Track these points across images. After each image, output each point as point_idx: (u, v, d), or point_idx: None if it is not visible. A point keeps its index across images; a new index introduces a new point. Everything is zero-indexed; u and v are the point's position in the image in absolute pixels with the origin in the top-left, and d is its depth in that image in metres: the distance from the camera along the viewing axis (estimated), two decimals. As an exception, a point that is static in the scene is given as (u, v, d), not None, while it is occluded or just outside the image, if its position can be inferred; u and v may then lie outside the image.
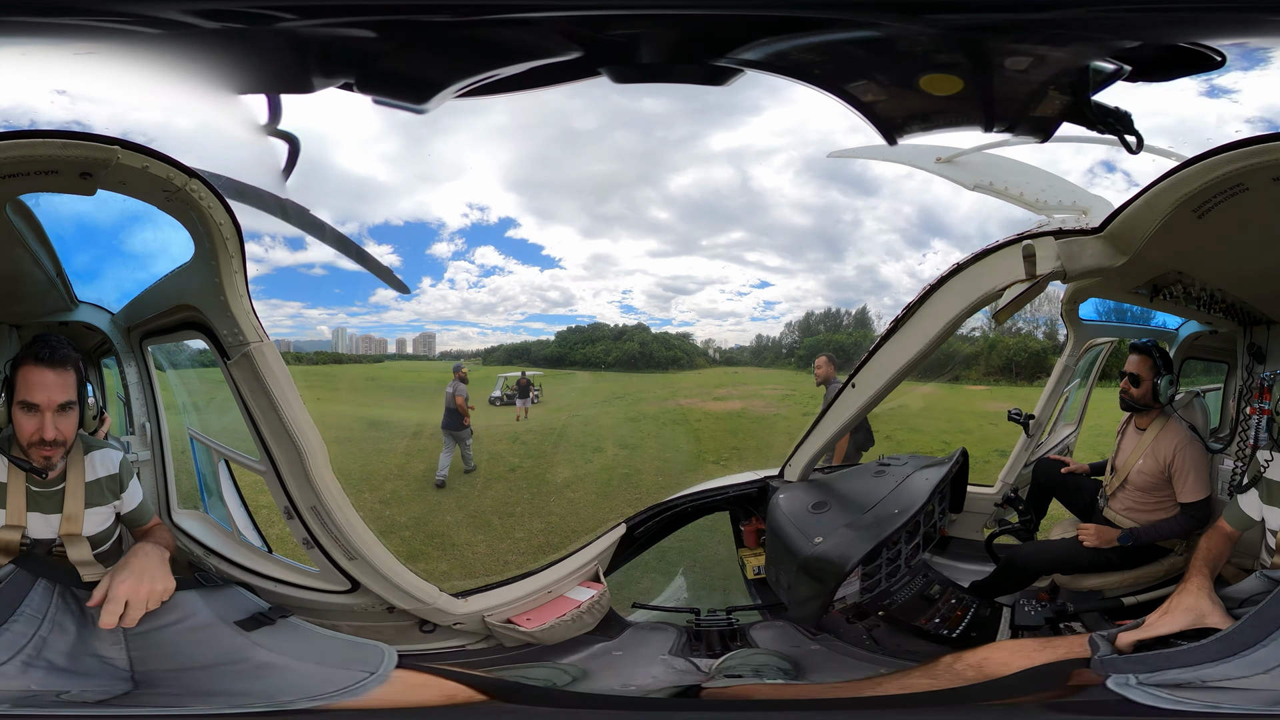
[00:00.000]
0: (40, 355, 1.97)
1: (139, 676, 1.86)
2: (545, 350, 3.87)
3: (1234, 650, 1.80)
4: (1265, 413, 2.33)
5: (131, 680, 1.86)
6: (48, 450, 1.99)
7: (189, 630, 1.95)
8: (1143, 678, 1.79)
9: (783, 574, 2.67)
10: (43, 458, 2.00)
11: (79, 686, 1.80)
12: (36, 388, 1.96)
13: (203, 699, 1.83)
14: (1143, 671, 1.81)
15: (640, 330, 4.00)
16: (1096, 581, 2.67)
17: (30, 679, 1.78)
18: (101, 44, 1.92)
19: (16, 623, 1.86)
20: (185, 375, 2.78)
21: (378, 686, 1.92)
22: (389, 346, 3.69)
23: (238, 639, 1.98)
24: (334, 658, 2.02)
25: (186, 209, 1.99)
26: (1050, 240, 2.17)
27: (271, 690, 1.88)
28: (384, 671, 1.97)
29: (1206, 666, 1.78)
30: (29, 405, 1.96)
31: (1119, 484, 2.70)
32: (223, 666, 1.92)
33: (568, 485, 3.78)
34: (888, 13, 1.99)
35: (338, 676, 1.93)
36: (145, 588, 1.89)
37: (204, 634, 1.96)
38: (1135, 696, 1.76)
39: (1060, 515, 2.96)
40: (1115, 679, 1.80)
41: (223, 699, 1.84)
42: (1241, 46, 1.99)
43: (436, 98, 2.12)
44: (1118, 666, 1.84)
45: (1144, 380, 2.64)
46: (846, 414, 2.75)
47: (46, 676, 1.80)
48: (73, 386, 2.01)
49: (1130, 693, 1.77)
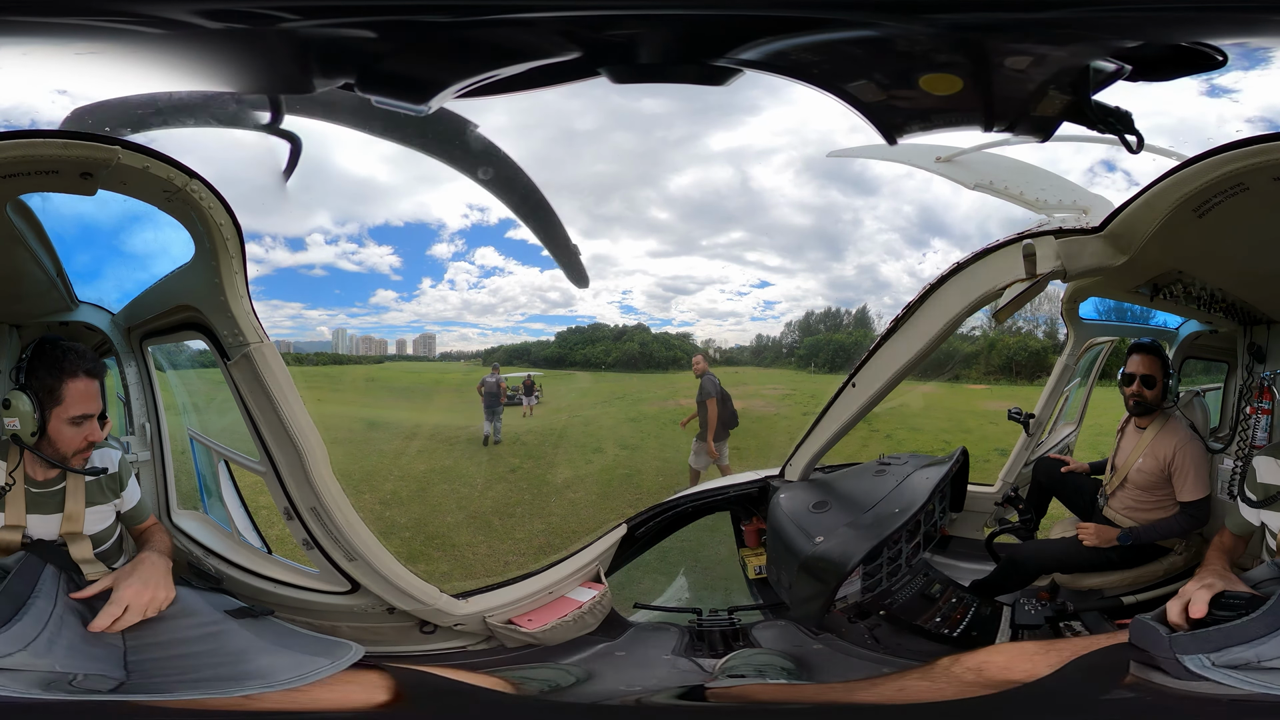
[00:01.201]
0: (90, 369, 2.06)
1: (131, 665, 1.89)
2: (545, 351, 3.86)
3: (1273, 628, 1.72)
4: (1265, 412, 2.34)
5: (124, 667, 1.88)
6: (88, 453, 2.08)
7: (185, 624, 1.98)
8: (1214, 658, 1.69)
9: (784, 573, 2.67)
10: (83, 460, 2.07)
11: (86, 670, 1.82)
12: (91, 399, 2.05)
13: (191, 686, 1.85)
14: (1210, 651, 1.70)
15: (640, 330, 4.00)
16: (1096, 581, 2.67)
17: (55, 658, 1.81)
18: (104, 44, 1.92)
19: (38, 599, 1.89)
20: (185, 376, 2.78)
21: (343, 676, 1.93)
22: (389, 347, 3.68)
23: (223, 627, 2.00)
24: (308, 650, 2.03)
25: (187, 209, 1.99)
26: (1050, 239, 2.17)
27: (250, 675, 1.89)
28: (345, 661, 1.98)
29: (1260, 643, 1.70)
30: (84, 417, 2.04)
31: (1119, 483, 2.71)
32: (211, 654, 1.94)
33: (568, 486, 3.77)
34: (887, 12, 1.99)
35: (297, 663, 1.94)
36: (148, 594, 1.92)
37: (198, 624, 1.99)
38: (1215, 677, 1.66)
39: (1060, 514, 2.96)
40: (1193, 660, 1.68)
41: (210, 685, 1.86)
42: (1242, 46, 2.00)
43: (436, 98, 2.12)
44: (1186, 646, 1.72)
45: (1158, 381, 2.63)
46: (847, 414, 2.76)
47: (68, 657, 1.82)
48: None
49: (1212, 674, 1.66)
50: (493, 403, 3.04)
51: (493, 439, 3.22)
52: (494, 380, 3.19)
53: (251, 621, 2.05)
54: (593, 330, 3.91)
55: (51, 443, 2.04)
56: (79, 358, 2.06)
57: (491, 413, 3.09)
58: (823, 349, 3.88)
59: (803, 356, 3.93)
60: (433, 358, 3.72)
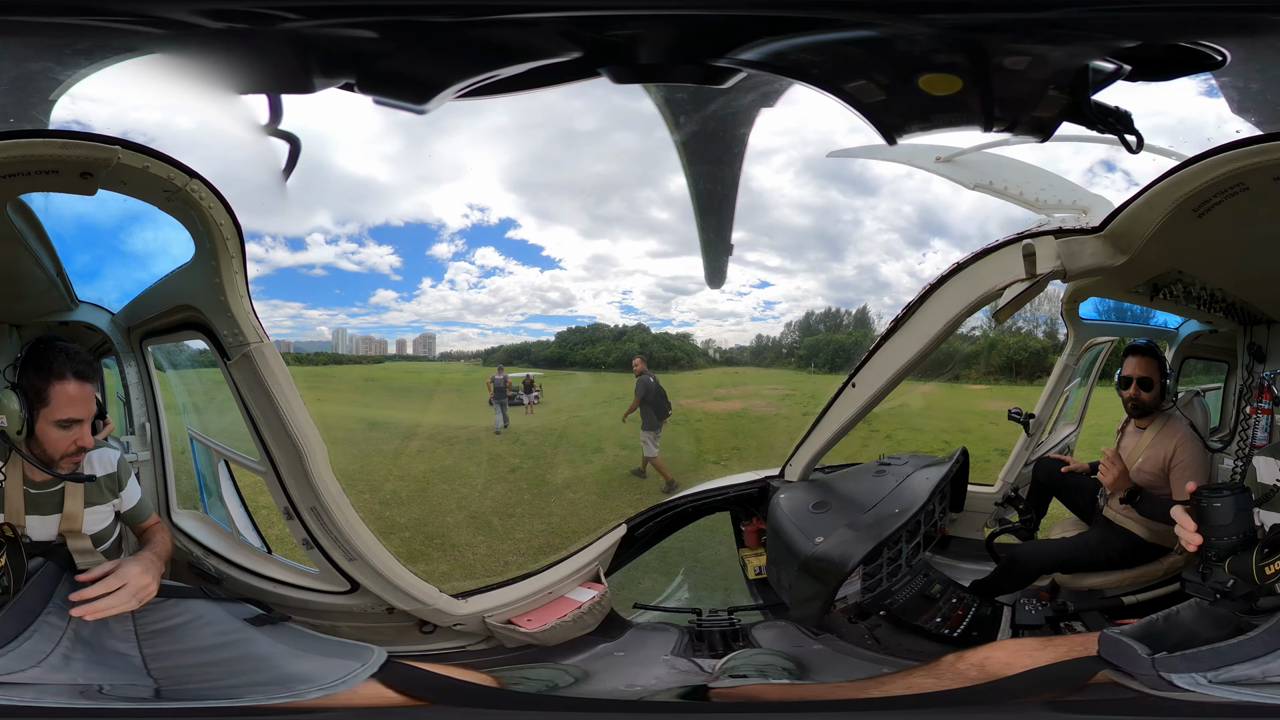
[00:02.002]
0: (79, 371, 1.98)
1: (155, 672, 1.91)
2: (545, 351, 3.87)
3: None
4: (1265, 412, 2.33)
5: (147, 674, 1.91)
6: (78, 457, 2.03)
7: (198, 626, 2.00)
8: (1211, 676, 1.73)
9: (784, 574, 2.67)
10: (73, 464, 2.03)
11: (108, 680, 1.84)
12: (80, 403, 1.98)
13: (213, 693, 1.87)
14: (1205, 670, 1.75)
15: (640, 331, 4.01)
16: (1097, 580, 2.67)
17: (74, 671, 1.82)
18: (103, 43, 1.92)
19: (50, 615, 1.89)
20: (185, 375, 2.78)
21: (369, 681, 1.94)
22: (389, 347, 3.69)
23: (244, 634, 2.02)
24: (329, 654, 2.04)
25: (187, 209, 1.99)
26: (1050, 239, 2.17)
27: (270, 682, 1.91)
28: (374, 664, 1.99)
29: (1266, 660, 1.73)
30: (71, 421, 1.98)
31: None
32: (224, 663, 1.95)
33: (568, 486, 3.78)
34: (886, 13, 1.99)
35: (332, 669, 1.95)
36: (145, 581, 1.93)
37: (212, 629, 2.00)
38: (1214, 694, 1.70)
39: (1060, 514, 2.96)
40: (1183, 678, 1.74)
41: (232, 690, 1.87)
42: (1243, 46, 1.99)
43: (437, 98, 2.12)
44: (1175, 666, 1.77)
45: (1155, 382, 2.63)
46: (847, 414, 2.76)
47: (87, 669, 1.83)
48: (96, 392, 2.05)
49: (1208, 691, 1.71)
50: (500, 396, 3.37)
51: (502, 427, 3.51)
52: (500, 378, 3.53)
53: (270, 628, 2.06)
54: (593, 330, 3.92)
55: (40, 444, 2.01)
56: (69, 359, 1.98)
57: (500, 405, 3.38)
58: (823, 349, 3.89)
59: (803, 356, 3.93)
60: (433, 358, 3.73)
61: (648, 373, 3.24)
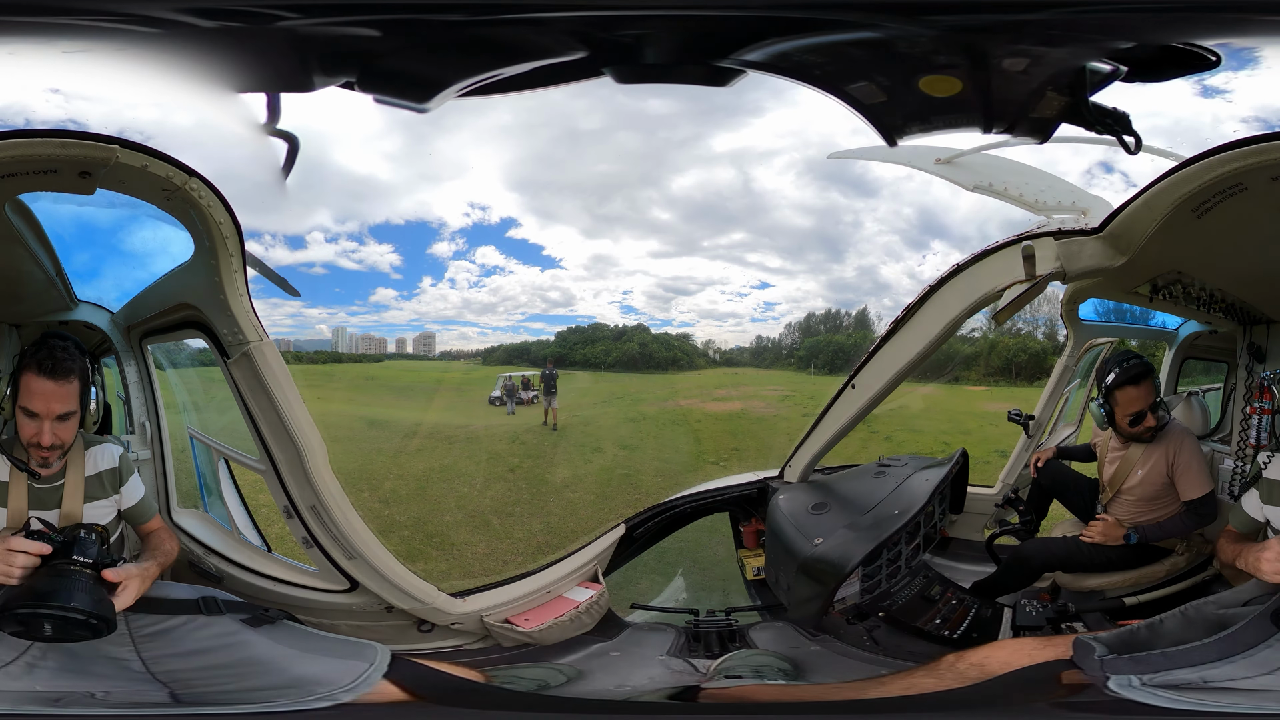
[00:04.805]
0: (43, 366, 1.95)
1: (161, 676, 1.90)
2: (545, 350, 3.87)
3: (1237, 650, 1.77)
4: (1266, 412, 2.33)
5: (153, 679, 1.89)
6: (45, 453, 2.01)
7: (195, 628, 1.99)
8: (1146, 679, 1.77)
9: (782, 575, 2.66)
10: (40, 458, 2.01)
11: (101, 688, 1.82)
12: (37, 397, 1.95)
13: (220, 697, 1.86)
14: (1146, 672, 1.78)
15: (640, 331, 4.01)
16: (1098, 581, 2.66)
17: (37, 679, 1.80)
18: (94, 42, 1.92)
19: None
20: (185, 374, 2.78)
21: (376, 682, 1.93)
22: (389, 346, 3.69)
23: (242, 636, 2.01)
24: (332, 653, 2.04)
25: (186, 208, 1.99)
26: (1050, 241, 2.17)
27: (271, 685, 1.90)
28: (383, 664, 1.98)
29: (1210, 666, 1.76)
30: (29, 412, 1.97)
31: (1112, 496, 2.70)
32: (228, 666, 1.95)
33: (567, 485, 3.78)
34: (888, 14, 1.99)
35: (341, 671, 1.94)
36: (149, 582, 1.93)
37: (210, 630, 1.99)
38: (1139, 698, 1.74)
39: (1061, 516, 2.96)
40: (1117, 680, 1.78)
41: (233, 694, 1.87)
42: (1236, 47, 2.00)
43: (439, 97, 2.12)
44: (1119, 667, 1.81)
45: (1156, 406, 2.60)
46: (846, 415, 2.75)
47: (58, 677, 1.81)
48: (74, 396, 2.00)
49: (1133, 694, 1.75)
50: (510, 394, 3.97)
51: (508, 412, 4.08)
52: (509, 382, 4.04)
53: (268, 628, 2.05)
54: (593, 330, 3.92)
55: (17, 431, 2.00)
56: (46, 353, 1.96)
57: (510, 402, 4.01)
58: (822, 350, 3.88)
59: (802, 358, 3.93)
60: (433, 356, 3.73)
61: (554, 370, 4.02)
